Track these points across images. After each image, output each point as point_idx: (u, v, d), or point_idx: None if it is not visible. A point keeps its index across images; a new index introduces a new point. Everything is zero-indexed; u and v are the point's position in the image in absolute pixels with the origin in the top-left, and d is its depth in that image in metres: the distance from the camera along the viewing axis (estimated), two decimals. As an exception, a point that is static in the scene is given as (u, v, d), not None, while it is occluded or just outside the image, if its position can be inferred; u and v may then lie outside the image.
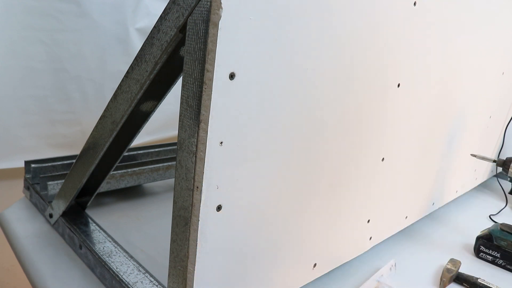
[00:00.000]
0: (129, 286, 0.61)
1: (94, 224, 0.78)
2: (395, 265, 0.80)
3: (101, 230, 0.76)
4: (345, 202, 0.69)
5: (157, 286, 0.62)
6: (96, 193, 0.80)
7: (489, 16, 0.88)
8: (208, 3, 0.37)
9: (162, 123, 1.47)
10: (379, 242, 0.87)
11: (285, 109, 0.49)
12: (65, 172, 0.92)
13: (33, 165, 0.93)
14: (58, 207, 0.78)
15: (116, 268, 0.65)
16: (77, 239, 0.73)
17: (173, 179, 0.46)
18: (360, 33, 0.55)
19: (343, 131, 0.61)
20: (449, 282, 0.79)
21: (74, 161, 0.72)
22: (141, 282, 0.62)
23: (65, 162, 0.98)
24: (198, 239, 0.45)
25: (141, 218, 0.89)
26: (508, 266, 0.86)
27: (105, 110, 0.61)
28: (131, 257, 0.69)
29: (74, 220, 0.78)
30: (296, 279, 0.67)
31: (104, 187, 0.89)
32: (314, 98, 0.53)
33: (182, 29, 0.42)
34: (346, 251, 0.77)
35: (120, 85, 0.56)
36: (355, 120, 0.62)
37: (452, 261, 0.83)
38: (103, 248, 0.70)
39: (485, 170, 1.32)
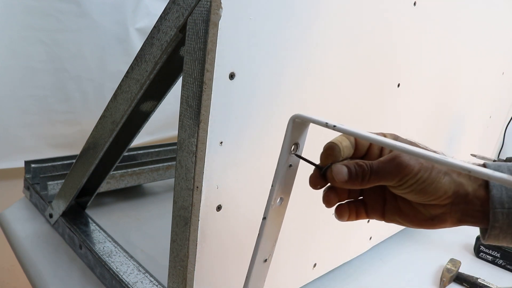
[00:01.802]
0: (129, 286, 0.61)
1: (94, 224, 0.78)
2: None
3: (101, 230, 0.76)
4: (345, 202, 0.69)
5: (157, 286, 0.62)
6: (96, 193, 0.80)
7: (489, 16, 0.88)
8: (208, 3, 0.37)
9: (162, 123, 1.47)
10: (379, 242, 0.87)
11: (285, 109, 0.49)
12: (65, 172, 0.92)
13: (33, 165, 0.93)
14: (58, 207, 0.78)
15: (116, 268, 0.65)
16: (77, 239, 0.73)
17: (173, 179, 0.46)
18: (360, 33, 0.55)
19: (343, 131, 0.61)
20: (449, 282, 0.79)
21: (74, 161, 0.72)
22: (141, 282, 0.62)
23: (65, 162, 0.98)
24: (198, 239, 0.45)
25: (141, 218, 0.89)
26: (508, 266, 0.86)
27: (105, 110, 0.61)
28: (131, 257, 0.69)
29: (74, 220, 0.78)
30: (296, 279, 0.67)
31: (104, 187, 0.89)
32: (314, 98, 0.53)
33: (182, 29, 0.42)
34: (346, 251, 0.77)
35: (120, 85, 0.56)
36: (355, 120, 0.62)
37: (452, 261, 0.83)
38: (103, 248, 0.70)
39: (485, 170, 1.32)
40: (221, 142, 0.43)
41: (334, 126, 0.34)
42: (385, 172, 0.37)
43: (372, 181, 0.37)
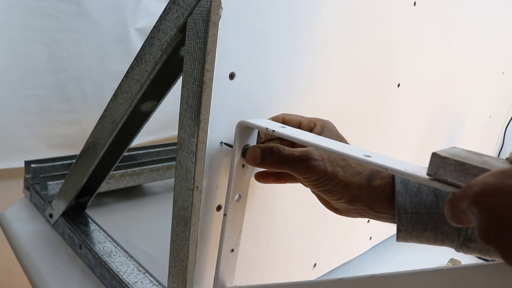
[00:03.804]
0: (129, 286, 0.61)
1: (94, 224, 0.78)
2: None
3: (101, 230, 0.76)
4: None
5: (157, 286, 0.62)
6: (96, 193, 0.80)
7: (490, 16, 0.88)
8: (208, 3, 0.37)
9: (162, 123, 1.47)
10: (379, 242, 0.87)
11: (285, 109, 0.49)
12: (65, 172, 0.92)
13: (33, 165, 0.93)
14: (58, 207, 0.78)
15: (116, 268, 0.65)
16: (77, 239, 0.73)
17: (173, 179, 0.46)
18: (360, 32, 0.55)
19: (342, 132, 0.61)
20: (449, 282, 0.79)
21: (74, 161, 0.72)
22: (141, 282, 0.62)
23: (65, 162, 0.98)
24: (198, 239, 0.45)
25: (141, 218, 0.89)
26: (508, 266, 0.86)
27: (105, 110, 0.61)
28: (131, 257, 0.69)
29: (74, 220, 0.78)
30: (296, 279, 0.67)
31: (104, 187, 0.89)
32: (314, 98, 0.53)
33: (182, 29, 0.42)
34: (346, 251, 0.78)
35: (120, 85, 0.56)
36: (355, 121, 0.62)
37: (452, 261, 0.83)
38: (103, 248, 0.70)
39: (485, 170, 1.32)
40: (221, 142, 0.43)
41: (273, 130, 0.39)
42: (293, 166, 0.41)
43: (282, 168, 0.42)
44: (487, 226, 0.24)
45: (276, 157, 0.41)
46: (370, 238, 0.82)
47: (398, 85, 0.68)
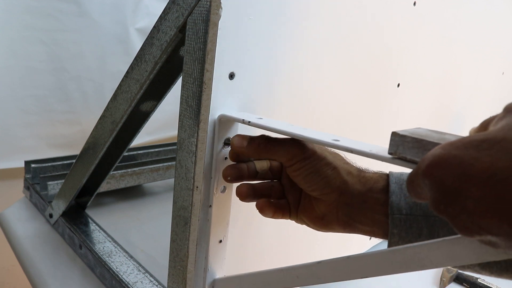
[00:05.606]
0: (129, 286, 0.61)
1: (94, 224, 0.78)
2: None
3: (101, 230, 0.76)
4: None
5: (157, 286, 0.62)
6: (96, 193, 0.80)
7: (489, 16, 0.88)
8: (208, 3, 0.37)
9: (162, 123, 1.47)
10: (379, 242, 0.87)
11: (285, 109, 0.49)
12: (65, 172, 0.92)
13: (33, 165, 0.93)
14: (58, 207, 0.78)
15: (116, 268, 0.65)
16: (77, 239, 0.73)
17: (173, 179, 0.46)
18: (361, 32, 0.55)
19: (342, 131, 0.61)
20: (449, 282, 0.79)
21: (74, 161, 0.72)
22: (141, 282, 0.62)
23: (65, 162, 0.98)
24: (198, 239, 0.45)
25: (141, 218, 0.89)
26: (508, 266, 0.86)
27: (105, 110, 0.61)
28: (131, 257, 0.69)
29: (74, 220, 0.78)
30: (296, 279, 0.67)
31: (104, 187, 0.89)
32: (314, 98, 0.53)
33: (182, 29, 0.42)
34: (346, 251, 0.77)
35: (120, 85, 0.56)
36: (355, 120, 0.62)
37: (452, 261, 0.83)
38: (103, 248, 0.70)
39: (485, 170, 1.32)
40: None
41: (249, 121, 0.40)
42: (282, 145, 0.39)
43: (270, 148, 0.40)
44: (437, 197, 0.24)
45: (265, 137, 0.40)
46: (370, 238, 0.82)
47: (398, 85, 0.68)
